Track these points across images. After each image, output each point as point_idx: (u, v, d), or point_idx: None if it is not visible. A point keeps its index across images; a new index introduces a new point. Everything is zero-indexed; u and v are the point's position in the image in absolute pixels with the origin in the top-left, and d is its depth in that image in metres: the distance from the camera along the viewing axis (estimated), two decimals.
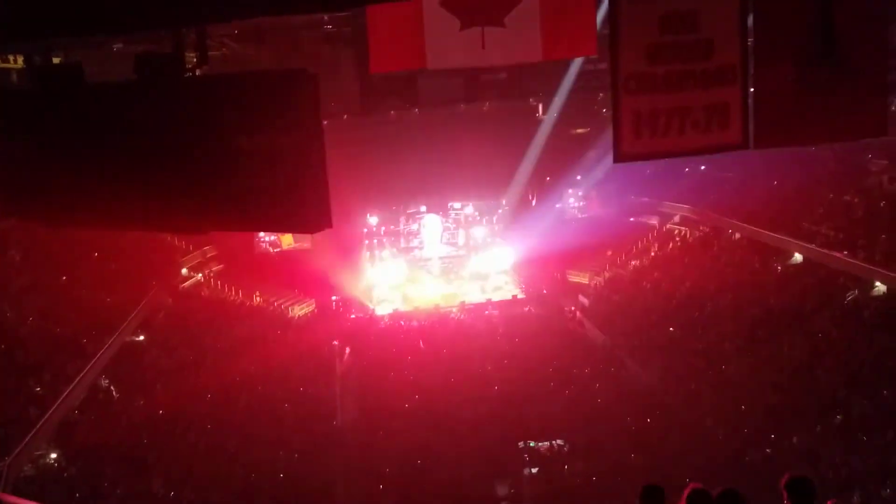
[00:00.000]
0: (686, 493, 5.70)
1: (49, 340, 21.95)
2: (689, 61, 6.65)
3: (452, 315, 31.07)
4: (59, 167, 5.10)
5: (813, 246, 26.35)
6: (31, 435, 18.71)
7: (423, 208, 35.84)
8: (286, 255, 32.63)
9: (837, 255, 25.14)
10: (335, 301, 32.40)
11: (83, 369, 21.28)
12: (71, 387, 20.54)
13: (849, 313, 23.39)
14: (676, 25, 6.58)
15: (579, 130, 33.91)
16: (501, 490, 21.08)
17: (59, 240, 24.28)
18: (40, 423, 19.08)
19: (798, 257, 27.06)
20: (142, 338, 25.29)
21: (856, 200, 27.44)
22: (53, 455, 19.38)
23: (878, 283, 23.56)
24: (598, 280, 32.90)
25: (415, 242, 35.39)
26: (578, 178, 35.05)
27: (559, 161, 33.67)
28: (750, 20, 6.76)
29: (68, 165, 5.05)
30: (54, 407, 19.70)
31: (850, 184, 28.02)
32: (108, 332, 23.20)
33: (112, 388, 22.38)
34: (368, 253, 35.06)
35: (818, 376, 21.48)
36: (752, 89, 6.91)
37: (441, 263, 34.89)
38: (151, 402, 21.80)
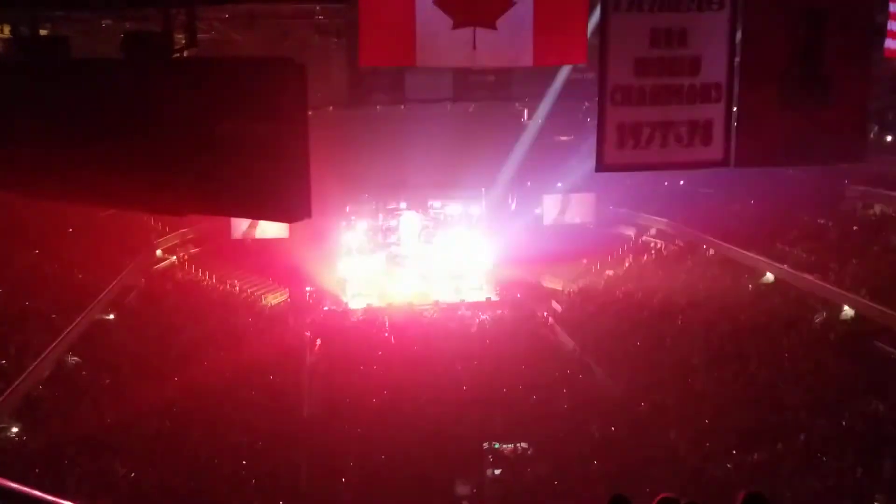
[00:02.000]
0: (655, 502, 5.69)
1: (17, 314, 21.70)
2: (676, 76, 6.69)
3: (426, 313, 31.10)
4: (38, 140, 5.03)
5: (785, 267, 26.64)
6: None
7: (403, 205, 35.79)
8: (262, 243, 32.43)
9: (808, 276, 25.42)
10: (309, 292, 32.31)
11: (50, 345, 21.05)
12: (37, 362, 20.30)
13: (816, 335, 23.68)
14: (666, 40, 6.62)
15: (562, 138, 33.99)
16: (463, 490, 21.11)
17: (33, 213, 24.00)
18: (3, 395, 18.84)
19: (770, 277, 27.34)
20: (112, 316, 25.08)
21: (830, 224, 27.80)
22: (15, 429, 19.18)
23: (845, 307, 23.86)
24: (572, 287, 33.05)
25: (392, 238, 35.31)
26: (559, 185, 35.14)
27: (541, 167, 33.75)
28: (738, 39, 6.81)
29: (48, 138, 4.99)
30: (19, 381, 19.45)
31: (826, 207, 28.37)
32: (78, 309, 22.95)
33: (78, 365, 22.17)
34: (345, 246, 34.94)
35: (783, 395, 21.70)
36: (735, 108, 6.97)
37: (417, 261, 34.86)
38: (117, 382, 21.62)
